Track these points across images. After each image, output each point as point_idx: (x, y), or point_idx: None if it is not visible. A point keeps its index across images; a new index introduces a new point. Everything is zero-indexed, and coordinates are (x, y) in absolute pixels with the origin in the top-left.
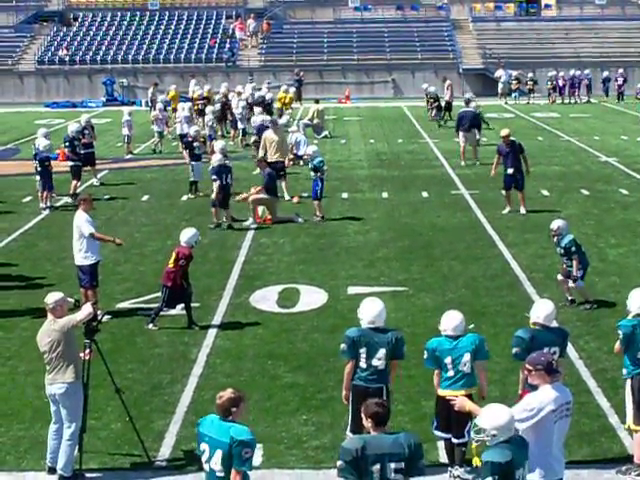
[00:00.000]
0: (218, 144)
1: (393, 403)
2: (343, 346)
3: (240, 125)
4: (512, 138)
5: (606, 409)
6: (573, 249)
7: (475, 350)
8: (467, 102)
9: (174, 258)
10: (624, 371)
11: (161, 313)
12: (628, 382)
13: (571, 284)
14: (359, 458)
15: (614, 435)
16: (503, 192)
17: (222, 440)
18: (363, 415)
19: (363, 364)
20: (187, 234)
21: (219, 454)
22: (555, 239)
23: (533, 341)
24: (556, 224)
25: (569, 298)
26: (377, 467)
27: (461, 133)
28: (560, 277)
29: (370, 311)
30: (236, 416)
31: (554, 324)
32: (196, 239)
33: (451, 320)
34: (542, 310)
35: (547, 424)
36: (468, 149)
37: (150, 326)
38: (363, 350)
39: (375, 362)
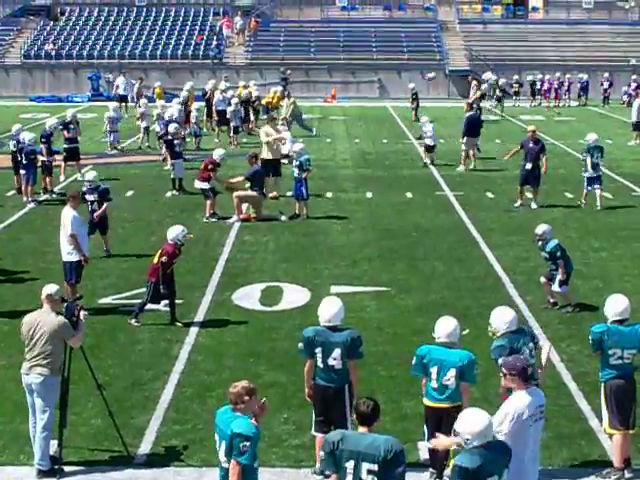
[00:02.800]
0: (218, 152)
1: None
2: (300, 345)
3: (233, 123)
4: (537, 136)
5: (587, 412)
6: (558, 254)
7: (462, 369)
8: (470, 106)
9: (159, 254)
10: (600, 375)
11: (145, 308)
12: (603, 386)
13: (555, 288)
14: (335, 450)
15: (594, 438)
16: (518, 187)
17: (226, 431)
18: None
19: (320, 364)
20: (172, 231)
21: (224, 445)
22: (540, 244)
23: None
24: (541, 229)
25: (551, 301)
26: (351, 464)
27: (467, 138)
28: (543, 279)
29: (327, 310)
30: (247, 408)
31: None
32: (182, 236)
33: (444, 327)
34: (500, 319)
35: (523, 429)
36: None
37: (132, 321)
38: (319, 350)
39: (331, 362)
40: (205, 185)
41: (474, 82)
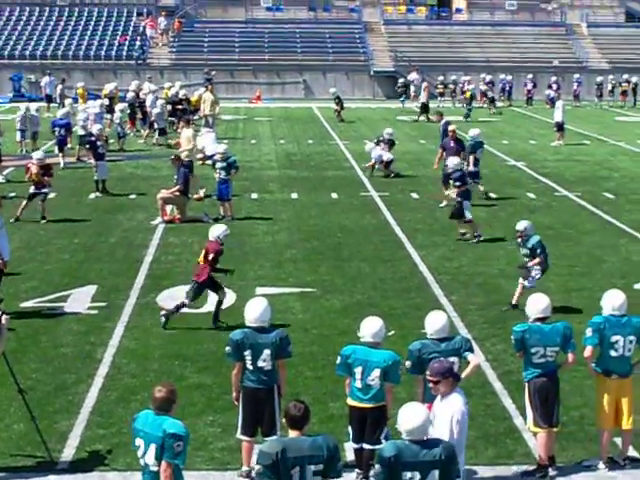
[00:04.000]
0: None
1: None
2: (227, 349)
3: (157, 125)
4: (457, 136)
5: (512, 411)
6: (539, 250)
7: (386, 369)
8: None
9: (204, 254)
10: (524, 374)
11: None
12: (526, 385)
13: (524, 282)
14: (278, 461)
15: (519, 437)
16: (442, 187)
17: (156, 434)
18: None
19: (250, 366)
20: (215, 230)
21: (153, 448)
22: (520, 240)
23: (424, 352)
24: (522, 225)
25: (513, 303)
26: (296, 470)
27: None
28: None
29: (253, 312)
30: (173, 410)
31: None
32: (224, 235)
33: (370, 327)
34: (432, 324)
35: (465, 428)
36: None
37: (163, 319)
38: (248, 352)
39: (261, 363)
40: None
41: (425, 84)
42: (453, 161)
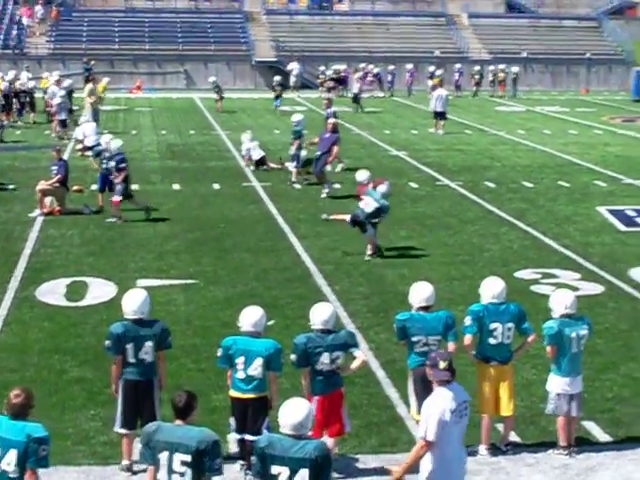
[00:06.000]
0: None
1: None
2: (107, 343)
3: (59, 116)
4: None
5: (395, 399)
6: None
7: (269, 358)
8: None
9: None
10: (408, 362)
11: None
12: (410, 373)
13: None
14: (150, 442)
15: (402, 425)
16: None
17: (17, 439)
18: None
19: (132, 359)
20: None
21: (13, 454)
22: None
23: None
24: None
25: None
26: (165, 455)
27: None
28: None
29: (131, 303)
30: (29, 415)
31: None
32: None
33: (249, 316)
34: (318, 316)
35: (447, 427)
36: None
37: None
38: (130, 345)
39: (143, 355)
40: None
41: (356, 75)
42: None
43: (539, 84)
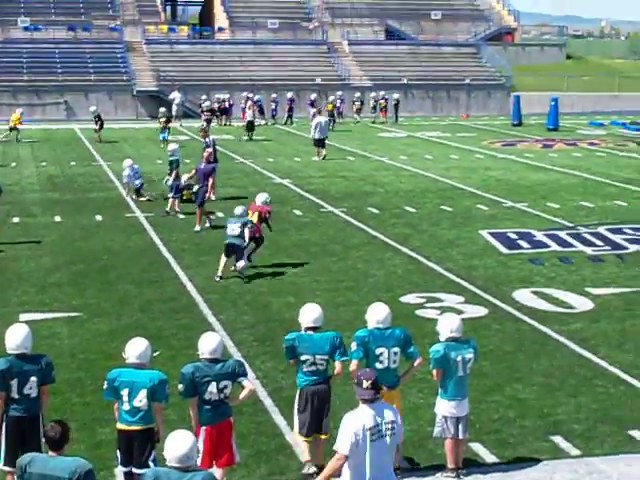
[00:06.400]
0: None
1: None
2: None
3: None
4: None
5: (283, 427)
6: None
7: (153, 389)
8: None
9: (257, 216)
10: (297, 382)
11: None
12: (298, 392)
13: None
14: (23, 474)
15: (291, 452)
16: (196, 209)
17: None
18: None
19: (16, 395)
20: (261, 197)
21: None
22: None
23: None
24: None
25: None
26: None
27: None
28: None
29: (14, 338)
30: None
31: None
32: (269, 200)
33: (134, 348)
34: (205, 345)
35: (361, 447)
36: None
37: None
38: (14, 381)
39: (27, 391)
40: None
41: (249, 102)
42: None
43: (420, 110)
